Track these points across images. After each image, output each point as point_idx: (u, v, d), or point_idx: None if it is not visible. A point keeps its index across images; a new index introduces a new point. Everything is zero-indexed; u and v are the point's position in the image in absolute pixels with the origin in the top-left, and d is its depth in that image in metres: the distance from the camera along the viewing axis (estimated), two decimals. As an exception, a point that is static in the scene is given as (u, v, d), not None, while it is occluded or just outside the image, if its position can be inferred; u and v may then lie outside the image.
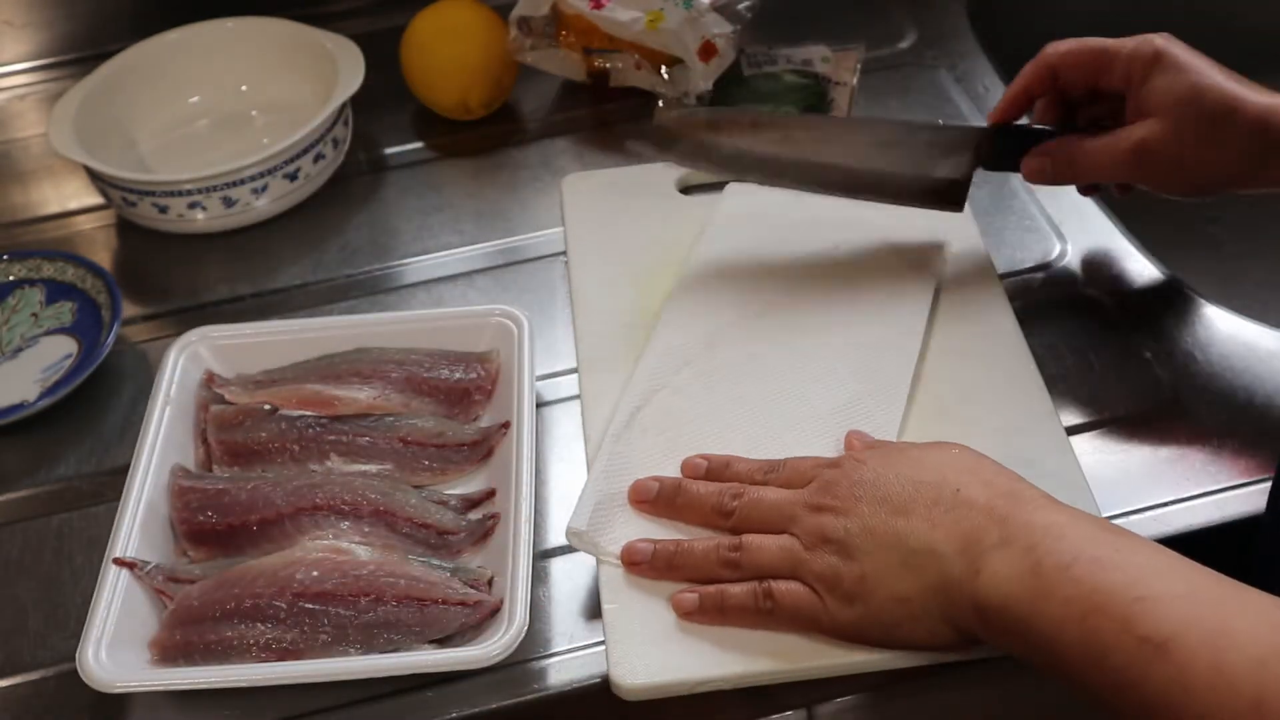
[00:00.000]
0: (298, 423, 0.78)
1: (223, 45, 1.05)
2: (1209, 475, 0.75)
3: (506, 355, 0.81)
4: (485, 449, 0.77)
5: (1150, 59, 0.75)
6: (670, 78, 1.01)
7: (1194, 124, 0.74)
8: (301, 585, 0.69)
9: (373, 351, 0.82)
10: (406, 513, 0.73)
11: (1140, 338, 0.83)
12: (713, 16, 1.00)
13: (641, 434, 0.76)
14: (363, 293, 0.92)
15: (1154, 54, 0.75)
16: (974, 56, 1.07)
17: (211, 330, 0.83)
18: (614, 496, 0.72)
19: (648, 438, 0.75)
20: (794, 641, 0.67)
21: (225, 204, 0.94)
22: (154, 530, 0.73)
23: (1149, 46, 0.76)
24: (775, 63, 1.04)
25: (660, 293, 0.86)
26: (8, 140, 1.09)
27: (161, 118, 1.04)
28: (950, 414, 0.76)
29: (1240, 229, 1.14)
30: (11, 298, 0.91)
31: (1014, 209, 0.92)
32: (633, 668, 0.66)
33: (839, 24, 1.09)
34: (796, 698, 0.71)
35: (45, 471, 0.81)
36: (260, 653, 0.68)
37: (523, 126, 1.04)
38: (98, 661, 0.66)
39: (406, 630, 0.68)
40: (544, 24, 1.02)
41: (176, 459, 0.77)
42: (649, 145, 0.86)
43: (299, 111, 0.99)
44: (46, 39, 1.15)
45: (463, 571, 0.71)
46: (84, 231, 0.99)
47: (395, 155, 1.03)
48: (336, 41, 1.02)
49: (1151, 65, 0.75)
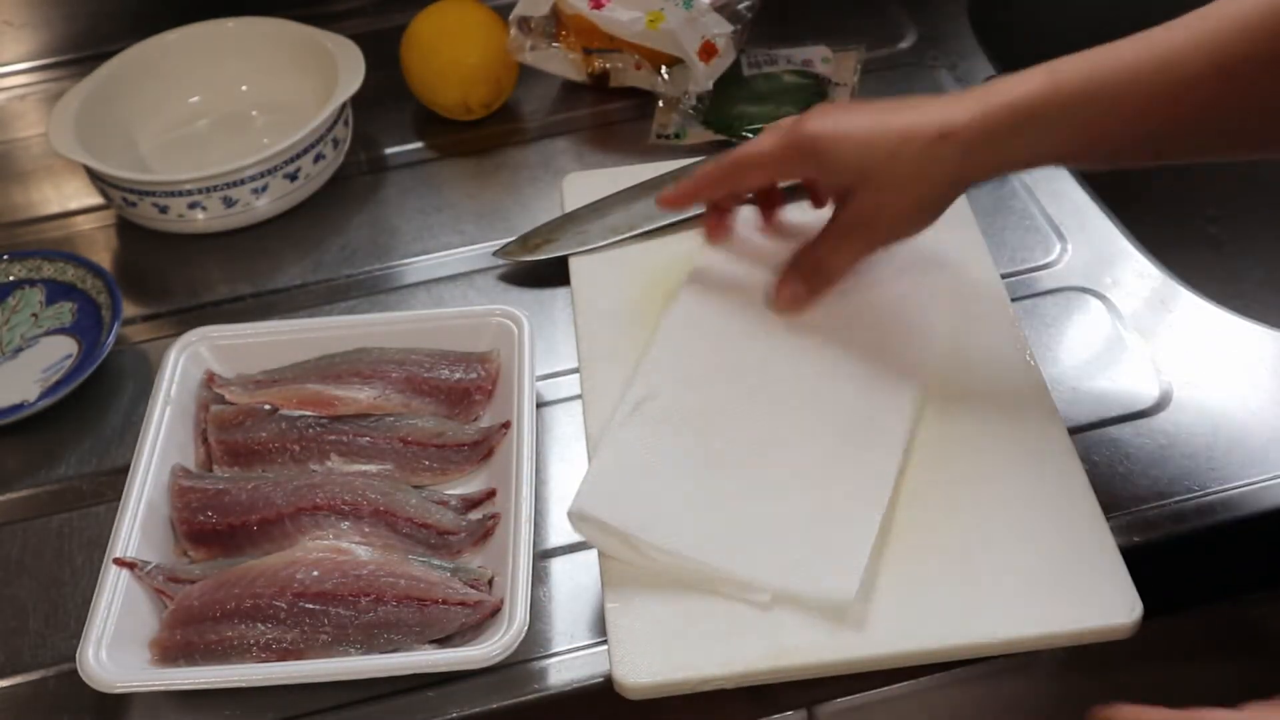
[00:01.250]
0: (298, 423, 0.78)
1: (223, 45, 1.05)
2: (1209, 475, 0.75)
3: (506, 355, 0.81)
4: (485, 449, 0.77)
5: (808, 152, 0.74)
6: (670, 78, 1.01)
7: (885, 176, 0.73)
8: (302, 585, 0.69)
9: (373, 351, 0.82)
10: (407, 513, 0.74)
11: (1140, 338, 0.83)
12: (713, 16, 1.00)
13: (644, 423, 0.75)
14: (363, 293, 0.92)
15: (809, 148, 0.74)
16: (974, 56, 1.07)
17: (211, 330, 0.83)
18: (618, 474, 0.72)
19: (649, 426, 0.75)
20: (794, 641, 0.67)
21: (225, 204, 0.94)
22: (154, 530, 0.73)
23: (797, 147, 0.75)
24: (775, 63, 1.04)
25: (661, 293, 0.86)
26: (8, 140, 1.09)
27: (161, 118, 1.04)
28: (954, 415, 0.76)
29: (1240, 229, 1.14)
30: (12, 298, 0.91)
31: (1014, 209, 0.92)
32: (635, 667, 0.66)
33: (839, 24, 1.09)
34: (797, 698, 0.71)
35: (45, 471, 0.81)
36: (260, 653, 0.68)
37: (523, 126, 1.04)
38: (98, 661, 0.66)
39: (407, 630, 0.68)
40: (544, 24, 1.02)
41: (177, 459, 0.77)
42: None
43: (299, 111, 0.99)
44: (46, 39, 1.15)
45: (463, 571, 0.71)
46: (84, 231, 0.99)
47: (395, 155, 1.03)
48: (336, 41, 1.02)
49: (811, 157, 0.74)
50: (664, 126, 1.01)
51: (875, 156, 0.72)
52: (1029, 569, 0.69)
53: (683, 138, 1.00)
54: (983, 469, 0.74)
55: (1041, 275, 0.88)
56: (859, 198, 0.74)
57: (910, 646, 0.67)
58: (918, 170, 0.72)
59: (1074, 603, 0.68)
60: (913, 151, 0.71)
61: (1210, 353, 0.82)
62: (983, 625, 0.67)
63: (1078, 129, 0.69)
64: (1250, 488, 0.74)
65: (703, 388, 0.78)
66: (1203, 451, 0.76)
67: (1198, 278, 0.88)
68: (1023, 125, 0.69)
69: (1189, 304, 0.85)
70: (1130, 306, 0.85)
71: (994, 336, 0.80)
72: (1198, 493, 0.74)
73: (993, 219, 0.91)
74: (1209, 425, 0.77)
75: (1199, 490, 0.74)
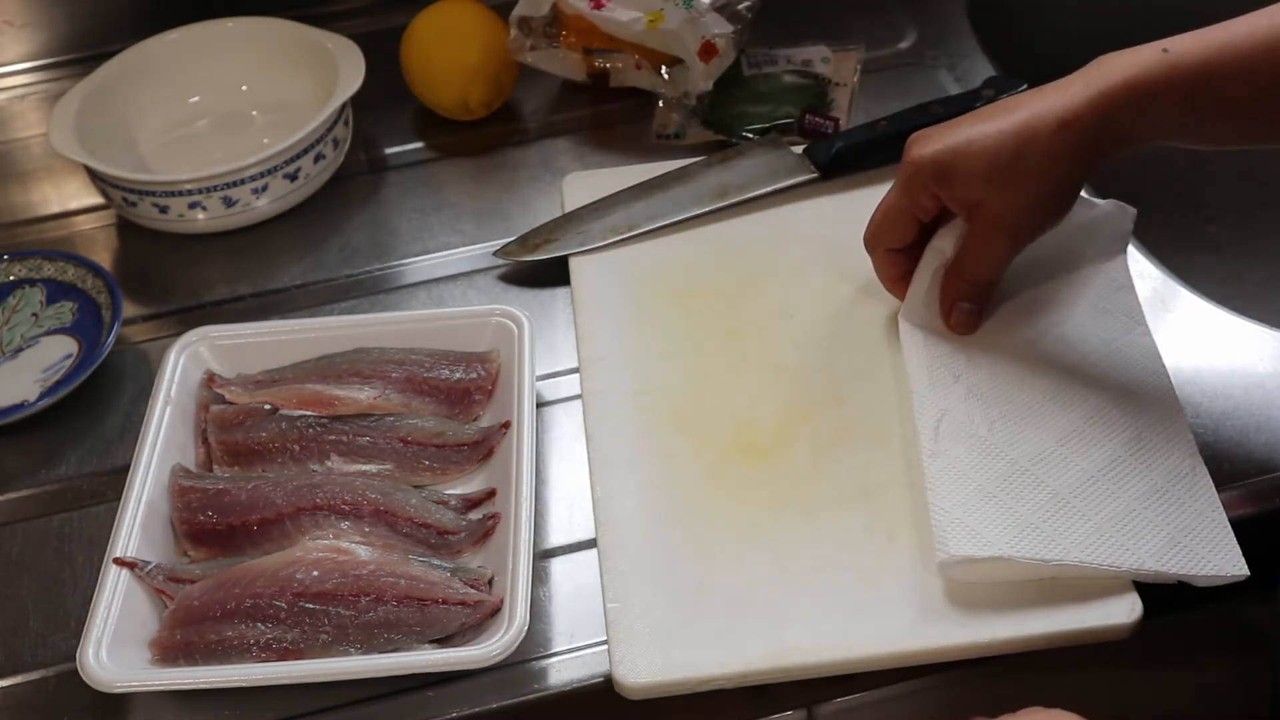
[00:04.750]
0: (298, 423, 0.78)
1: (223, 45, 1.05)
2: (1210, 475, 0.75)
3: (506, 355, 0.81)
4: (485, 449, 0.77)
5: (931, 177, 0.74)
6: (670, 78, 1.01)
7: (1014, 177, 0.73)
8: (302, 585, 0.69)
9: (373, 351, 0.82)
10: (407, 512, 0.74)
11: (1140, 338, 0.83)
12: (713, 16, 1.00)
13: (953, 443, 0.73)
14: (363, 293, 0.92)
15: (931, 173, 0.74)
16: (974, 56, 1.07)
17: (211, 330, 0.83)
18: (963, 507, 0.70)
19: (960, 444, 0.73)
20: (795, 641, 0.67)
21: (225, 204, 0.94)
22: (154, 530, 0.73)
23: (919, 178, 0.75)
24: (775, 63, 1.04)
25: (661, 292, 0.86)
26: (8, 140, 1.09)
27: (161, 118, 1.04)
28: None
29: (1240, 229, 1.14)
30: (12, 298, 0.91)
31: (1014, 209, 0.92)
32: (635, 666, 0.66)
33: (839, 24, 1.09)
34: (797, 698, 0.71)
35: (45, 471, 0.81)
36: (260, 652, 0.68)
37: (523, 126, 1.04)
38: (98, 661, 0.66)
39: (407, 630, 0.68)
40: (544, 24, 1.02)
41: (177, 459, 0.77)
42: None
43: (299, 111, 0.99)
44: (46, 39, 1.15)
45: (463, 571, 0.71)
46: (84, 231, 0.99)
47: (395, 155, 1.03)
48: (336, 41, 1.02)
49: (936, 181, 0.74)
50: (664, 126, 1.01)
51: (1001, 161, 0.72)
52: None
53: (683, 138, 1.00)
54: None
55: (1041, 275, 0.88)
56: (991, 204, 0.74)
57: (911, 646, 0.67)
58: (1046, 165, 0.72)
59: (1074, 603, 0.68)
60: (1038, 148, 0.71)
61: (1210, 353, 0.82)
62: (983, 625, 0.67)
63: (1197, 106, 0.70)
64: (1250, 487, 0.74)
65: (974, 401, 0.76)
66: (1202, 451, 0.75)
67: (1198, 278, 0.88)
68: (1142, 105, 0.70)
69: (1189, 304, 0.85)
70: (1130, 306, 0.85)
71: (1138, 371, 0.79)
72: (1198, 493, 0.74)
73: (993, 219, 0.91)
74: (1209, 425, 0.77)
75: (1199, 490, 0.74)
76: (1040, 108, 0.72)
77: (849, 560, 0.70)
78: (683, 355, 0.82)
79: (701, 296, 0.86)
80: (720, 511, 0.73)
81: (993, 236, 0.76)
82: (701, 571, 0.70)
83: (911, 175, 0.76)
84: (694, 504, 0.74)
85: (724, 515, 0.73)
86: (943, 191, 0.75)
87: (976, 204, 0.74)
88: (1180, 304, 0.85)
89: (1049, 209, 0.75)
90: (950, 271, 0.78)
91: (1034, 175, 0.73)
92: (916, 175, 0.75)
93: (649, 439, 0.77)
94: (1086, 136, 0.71)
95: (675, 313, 0.85)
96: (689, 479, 0.75)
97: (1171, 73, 0.70)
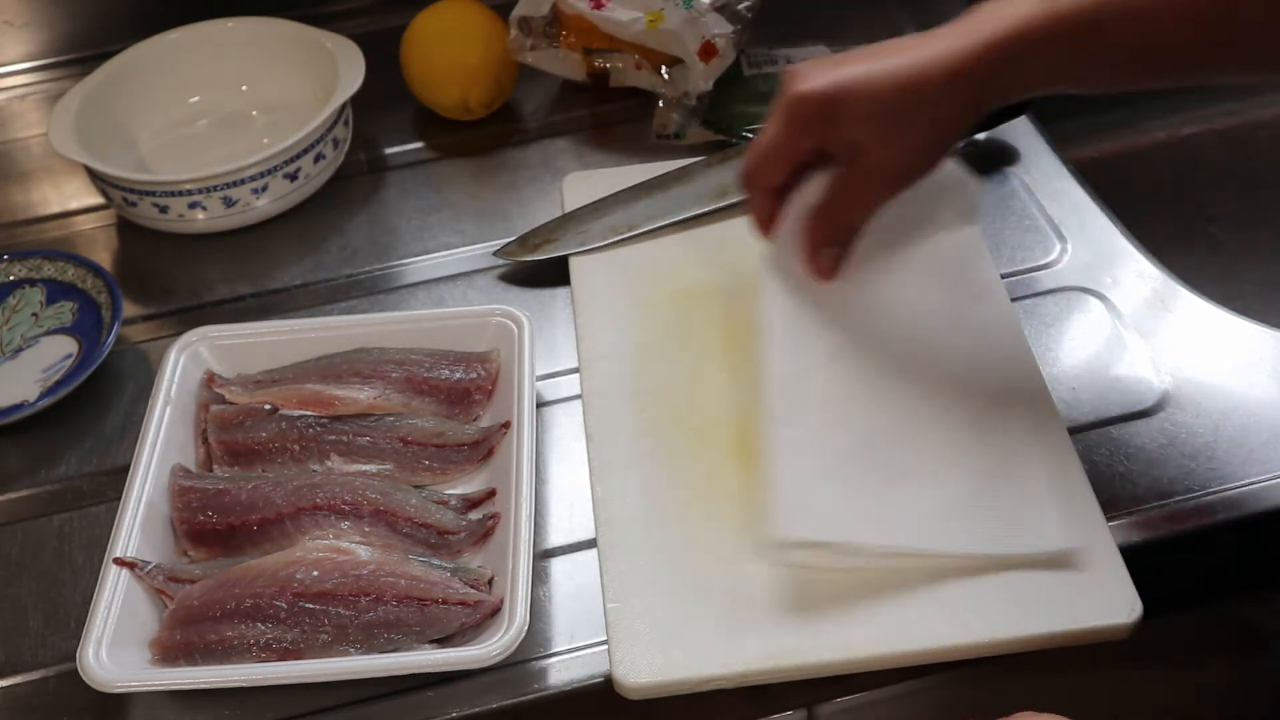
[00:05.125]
0: (298, 423, 0.78)
1: (223, 45, 1.05)
2: (1209, 475, 0.75)
3: (506, 355, 0.81)
4: (485, 449, 0.77)
5: (816, 114, 0.72)
6: (670, 78, 1.01)
7: (899, 124, 0.71)
8: (302, 585, 0.69)
9: (373, 351, 0.82)
10: (407, 512, 0.74)
11: (1140, 338, 0.83)
12: (713, 16, 1.00)
13: (803, 410, 0.72)
14: (363, 293, 0.92)
15: (817, 109, 0.71)
16: (974, 56, 1.07)
17: (211, 330, 0.83)
18: (801, 485, 0.69)
19: (808, 411, 0.72)
20: (795, 641, 0.67)
21: (225, 204, 0.94)
22: (154, 530, 0.73)
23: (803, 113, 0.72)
24: (775, 63, 1.04)
25: (661, 292, 0.86)
26: (8, 140, 1.09)
27: (161, 118, 1.04)
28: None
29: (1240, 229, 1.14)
30: (12, 298, 0.91)
31: (1014, 209, 0.92)
32: (635, 666, 0.66)
33: (839, 24, 1.09)
34: (797, 698, 0.71)
35: (45, 471, 0.81)
36: (260, 652, 0.68)
37: (523, 126, 1.04)
38: (98, 661, 0.66)
39: (407, 630, 0.68)
40: (544, 24, 1.02)
41: (177, 459, 0.77)
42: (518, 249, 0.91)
43: (299, 111, 0.99)
44: (46, 39, 1.15)
45: (463, 571, 0.71)
46: (84, 231, 0.99)
47: (395, 155, 1.03)
48: (336, 41, 1.02)
49: (821, 118, 0.72)
50: (664, 126, 1.01)
51: (888, 107, 0.70)
52: (1029, 568, 0.69)
53: (683, 138, 1.00)
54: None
55: (1041, 275, 0.88)
56: (872, 148, 0.72)
57: (910, 646, 0.67)
58: (933, 115, 0.71)
59: (1074, 603, 0.68)
60: (927, 98, 0.70)
61: (1210, 353, 0.82)
62: (983, 625, 0.67)
63: (1079, 50, 0.69)
64: (1250, 488, 0.74)
65: (825, 370, 0.75)
66: (1203, 451, 0.76)
67: (1198, 278, 0.88)
68: (1026, 53, 0.68)
69: (1189, 304, 0.85)
70: (1130, 306, 0.85)
71: (993, 337, 0.80)
72: (1197, 493, 0.74)
73: (993, 219, 0.91)
74: (1209, 425, 0.77)
75: (1199, 490, 0.74)
76: (929, 54, 0.70)
77: (848, 560, 0.70)
78: (683, 355, 0.82)
79: (701, 296, 0.86)
80: (720, 511, 0.73)
81: (869, 181, 0.73)
82: (701, 571, 0.70)
83: (795, 110, 0.72)
84: (694, 504, 0.74)
85: (724, 515, 0.73)
86: (827, 130, 0.72)
87: (857, 145, 0.72)
88: (1180, 304, 0.85)
89: (928, 158, 0.73)
90: (818, 214, 0.75)
91: (920, 124, 0.71)
92: (800, 110, 0.72)
93: (649, 439, 0.77)
94: (976, 87, 0.70)
95: (675, 313, 0.85)
96: (689, 479, 0.75)
97: (1052, 17, 0.68)
